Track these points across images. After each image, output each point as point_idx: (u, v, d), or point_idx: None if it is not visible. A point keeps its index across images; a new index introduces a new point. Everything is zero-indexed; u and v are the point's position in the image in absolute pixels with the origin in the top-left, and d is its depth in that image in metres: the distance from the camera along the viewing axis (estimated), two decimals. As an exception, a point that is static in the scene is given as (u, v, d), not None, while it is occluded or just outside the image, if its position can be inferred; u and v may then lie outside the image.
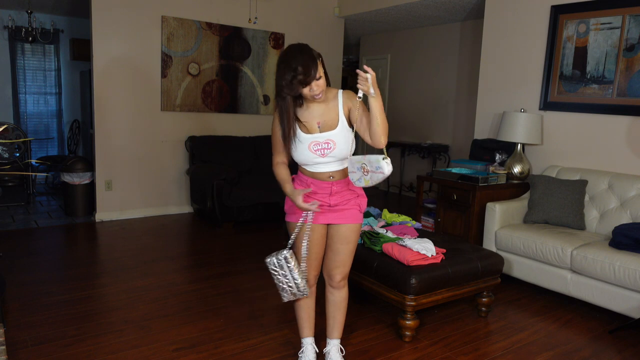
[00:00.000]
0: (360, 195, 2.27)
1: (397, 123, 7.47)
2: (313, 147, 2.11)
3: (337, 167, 2.18)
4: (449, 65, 6.63)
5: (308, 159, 2.15)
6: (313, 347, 2.44)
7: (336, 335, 2.40)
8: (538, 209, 3.74)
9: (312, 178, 2.20)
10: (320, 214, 2.20)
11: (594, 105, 3.93)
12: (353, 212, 2.23)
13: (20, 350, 2.49)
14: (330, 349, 2.40)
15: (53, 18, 7.15)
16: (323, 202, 2.19)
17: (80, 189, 5.31)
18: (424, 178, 4.42)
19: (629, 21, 3.69)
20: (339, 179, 2.19)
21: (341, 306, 2.37)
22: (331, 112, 2.13)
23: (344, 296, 2.37)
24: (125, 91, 5.20)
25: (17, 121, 7.20)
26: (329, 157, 2.13)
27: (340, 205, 2.21)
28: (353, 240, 2.28)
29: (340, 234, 2.24)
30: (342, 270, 2.30)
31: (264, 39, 6.00)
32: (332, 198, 2.20)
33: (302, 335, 2.44)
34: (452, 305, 3.28)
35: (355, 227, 2.26)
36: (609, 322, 3.14)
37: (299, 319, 2.42)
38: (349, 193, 2.22)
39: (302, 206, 2.11)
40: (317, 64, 2.01)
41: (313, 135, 2.11)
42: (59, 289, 3.32)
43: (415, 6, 5.67)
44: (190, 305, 3.15)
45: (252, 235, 4.92)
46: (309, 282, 2.31)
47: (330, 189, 2.19)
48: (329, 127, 2.12)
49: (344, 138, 2.12)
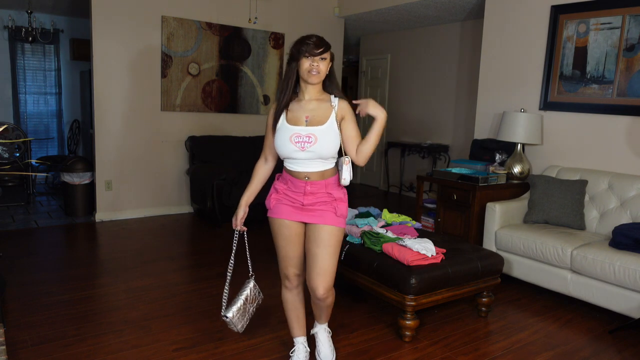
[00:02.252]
0: (337, 200, 2.21)
1: (397, 123, 7.47)
2: (294, 139, 2.12)
3: (314, 169, 2.17)
4: (449, 65, 6.63)
5: (288, 152, 2.15)
6: (304, 347, 2.46)
7: (324, 320, 2.47)
8: (538, 209, 3.74)
9: (290, 176, 2.24)
10: (293, 211, 2.22)
11: (594, 105, 3.93)
12: (328, 214, 2.19)
13: (20, 350, 2.49)
14: (317, 330, 2.49)
15: (53, 18, 7.15)
16: (296, 200, 2.21)
17: (80, 189, 5.31)
18: (424, 178, 4.42)
19: (629, 21, 3.70)
20: (315, 180, 2.18)
21: (328, 310, 2.41)
22: (323, 111, 2.16)
23: (329, 303, 2.35)
24: (125, 91, 5.20)
25: (17, 121, 7.20)
26: (308, 151, 2.12)
27: (315, 206, 2.20)
28: (331, 245, 2.19)
29: (316, 237, 2.20)
30: (324, 280, 2.20)
31: (264, 39, 6.00)
32: (306, 198, 2.19)
33: (293, 334, 2.48)
34: (452, 305, 3.28)
35: (331, 230, 2.19)
36: (609, 322, 3.14)
37: (288, 319, 2.46)
38: (325, 196, 2.20)
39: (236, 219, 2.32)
40: (329, 51, 2.14)
41: (297, 127, 2.14)
42: (59, 289, 3.32)
43: (415, 6, 5.67)
44: (190, 305, 3.15)
45: (252, 235, 4.92)
46: (289, 281, 2.35)
47: (304, 188, 2.18)
48: (316, 124, 2.14)
49: (329, 137, 2.13)
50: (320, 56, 2.09)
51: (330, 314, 2.47)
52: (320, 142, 2.11)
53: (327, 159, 2.17)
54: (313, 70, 2.09)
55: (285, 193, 2.24)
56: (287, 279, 2.35)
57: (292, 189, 2.22)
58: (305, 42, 2.08)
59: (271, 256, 4.18)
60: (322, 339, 2.47)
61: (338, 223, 2.21)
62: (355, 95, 8.86)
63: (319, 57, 2.09)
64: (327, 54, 2.12)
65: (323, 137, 2.12)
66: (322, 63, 2.10)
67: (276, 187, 2.29)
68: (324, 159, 2.16)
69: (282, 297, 2.43)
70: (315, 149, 2.11)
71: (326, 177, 2.19)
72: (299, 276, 2.35)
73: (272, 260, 4.08)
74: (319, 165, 2.17)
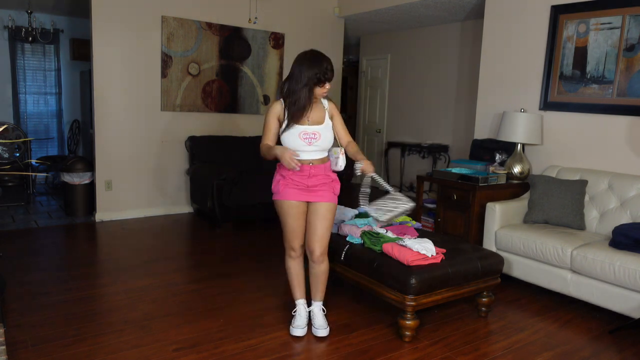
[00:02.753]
0: (334, 180, 2.73)
1: (397, 123, 7.48)
2: (302, 136, 2.60)
3: (317, 156, 2.66)
4: (449, 65, 6.63)
5: (297, 146, 2.60)
6: (304, 307, 2.85)
7: (319, 297, 2.82)
8: (538, 209, 3.74)
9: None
10: (299, 192, 2.65)
11: (594, 105, 3.93)
12: (328, 193, 2.68)
13: (20, 350, 2.49)
14: (313, 308, 2.84)
15: (53, 18, 7.15)
16: (301, 183, 2.64)
17: (80, 189, 5.31)
18: (424, 178, 4.42)
19: (629, 21, 3.70)
20: (316, 164, 2.65)
21: (322, 277, 2.78)
22: (319, 112, 2.66)
23: (323, 269, 2.76)
24: (125, 91, 5.20)
25: (17, 121, 7.19)
26: (314, 145, 2.61)
27: (317, 187, 2.66)
28: (328, 218, 2.70)
29: (317, 212, 2.68)
30: (321, 245, 2.70)
31: (264, 39, 6.00)
32: (310, 180, 2.65)
33: (295, 297, 2.86)
34: (452, 305, 3.28)
35: (330, 206, 2.70)
36: (609, 322, 3.14)
37: (291, 284, 2.86)
38: (324, 177, 2.68)
39: (288, 160, 2.53)
40: None
41: (304, 127, 2.61)
42: (59, 289, 3.32)
43: (415, 6, 5.67)
44: (190, 305, 3.15)
45: (252, 235, 4.93)
46: (295, 251, 2.77)
47: (309, 171, 2.63)
48: (316, 123, 2.64)
49: (329, 133, 2.67)
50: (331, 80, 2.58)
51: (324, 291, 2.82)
52: (323, 137, 2.64)
53: (325, 149, 2.69)
54: (324, 93, 2.61)
55: (292, 178, 2.65)
56: (293, 250, 2.77)
57: (298, 174, 2.63)
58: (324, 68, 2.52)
59: (271, 256, 4.18)
60: (317, 313, 2.82)
61: (334, 200, 2.73)
62: (355, 95, 8.86)
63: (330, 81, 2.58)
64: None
65: (324, 133, 2.65)
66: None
67: (282, 173, 2.69)
68: (324, 149, 2.68)
69: (287, 266, 2.85)
70: (320, 143, 2.64)
71: (325, 162, 2.70)
72: (302, 246, 2.79)
73: (271, 259, 4.08)
74: (320, 154, 2.68)
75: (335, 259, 3.13)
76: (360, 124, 8.28)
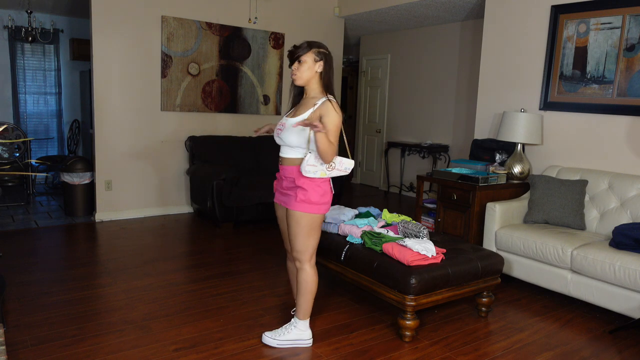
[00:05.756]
0: (299, 187, 2.42)
1: (397, 123, 7.48)
2: (278, 126, 2.53)
3: (283, 154, 2.50)
4: (449, 65, 6.63)
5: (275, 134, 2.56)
6: None
7: (299, 314, 2.62)
8: (538, 209, 3.74)
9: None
10: (278, 194, 2.61)
11: (594, 105, 3.92)
12: (290, 199, 2.46)
13: (20, 350, 2.49)
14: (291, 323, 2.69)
15: (53, 18, 7.15)
16: (279, 184, 2.60)
17: (80, 189, 5.31)
18: (424, 178, 4.42)
19: (629, 21, 3.69)
20: (285, 165, 2.50)
21: (300, 286, 2.58)
22: (305, 107, 2.47)
23: (302, 277, 2.56)
24: (125, 91, 5.20)
25: (17, 121, 7.19)
26: (278, 138, 2.49)
27: (286, 190, 2.52)
28: (292, 225, 2.47)
29: (285, 217, 2.58)
30: (294, 247, 2.53)
31: (264, 39, 6.00)
32: (282, 182, 2.55)
33: (294, 295, 2.80)
34: (452, 305, 3.28)
35: (291, 213, 2.45)
36: (609, 322, 3.14)
37: (291, 282, 2.86)
38: (290, 182, 2.48)
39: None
40: (308, 52, 2.41)
41: (284, 117, 2.54)
42: (59, 289, 3.32)
43: (415, 6, 5.67)
44: (190, 305, 3.15)
45: (252, 235, 4.92)
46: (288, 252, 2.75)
47: (282, 173, 2.53)
48: (292, 116, 2.48)
49: (295, 130, 2.38)
50: (296, 61, 2.42)
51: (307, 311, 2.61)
52: (285, 131, 2.43)
53: (293, 147, 2.43)
54: (292, 74, 2.47)
55: (277, 179, 2.63)
56: (287, 251, 2.77)
57: (278, 175, 2.60)
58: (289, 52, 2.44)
59: (271, 256, 4.19)
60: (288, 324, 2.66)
61: (296, 208, 2.43)
62: (355, 95, 8.86)
63: (296, 62, 2.42)
64: (306, 56, 2.41)
65: (288, 127, 2.42)
66: (301, 67, 2.41)
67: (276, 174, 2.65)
68: (290, 146, 2.44)
69: (287, 265, 2.87)
70: (282, 136, 2.45)
71: (294, 164, 2.44)
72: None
73: (271, 260, 4.08)
74: (288, 152, 2.47)
75: (335, 259, 3.13)
76: (360, 124, 8.28)
